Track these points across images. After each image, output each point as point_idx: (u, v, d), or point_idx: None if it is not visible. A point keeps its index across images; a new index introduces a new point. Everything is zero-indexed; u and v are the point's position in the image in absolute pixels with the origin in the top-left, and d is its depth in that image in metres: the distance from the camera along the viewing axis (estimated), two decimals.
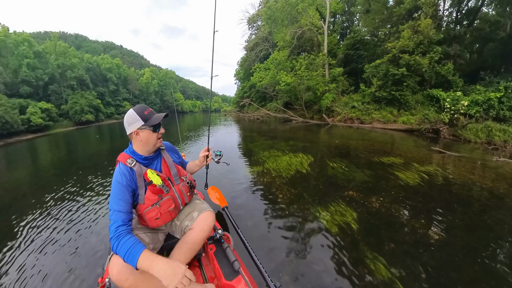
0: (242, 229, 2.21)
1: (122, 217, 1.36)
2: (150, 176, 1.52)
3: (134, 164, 1.50)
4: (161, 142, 1.66)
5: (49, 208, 3.92)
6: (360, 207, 3.39)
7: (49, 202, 4.16)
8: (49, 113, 30.31)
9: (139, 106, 1.54)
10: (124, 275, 1.20)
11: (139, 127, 1.49)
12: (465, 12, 16.08)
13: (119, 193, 1.41)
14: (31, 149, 14.39)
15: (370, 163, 5.70)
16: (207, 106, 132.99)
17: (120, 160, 1.52)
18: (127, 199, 1.43)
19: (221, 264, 1.64)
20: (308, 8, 20.24)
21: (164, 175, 1.61)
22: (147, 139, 1.52)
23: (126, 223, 1.36)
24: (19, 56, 31.98)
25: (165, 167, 1.67)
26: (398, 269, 2.17)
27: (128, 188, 1.44)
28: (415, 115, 12.43)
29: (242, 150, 8.03)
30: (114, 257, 1.25)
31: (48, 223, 3.37)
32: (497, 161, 5.86)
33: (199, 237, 1.56)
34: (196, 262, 1.80)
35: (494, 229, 2.86)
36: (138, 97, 63.84)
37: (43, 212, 3.76)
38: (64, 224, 3.33)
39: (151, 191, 1.52)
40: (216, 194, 3.21)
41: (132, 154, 1.55)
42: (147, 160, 1.58)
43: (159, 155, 1.69)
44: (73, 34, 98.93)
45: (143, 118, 1.49)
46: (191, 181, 1.83)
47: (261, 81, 23.43)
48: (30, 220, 3.52)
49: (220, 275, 1.56)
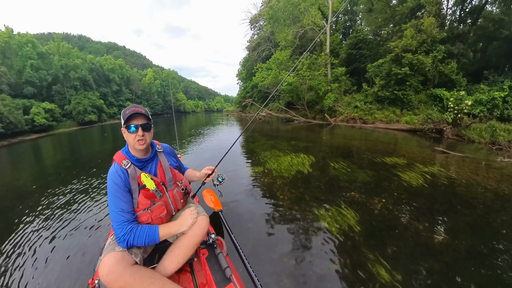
0: (240, 232, 2.20)
1: (127, 216, 1.38)
2: (144, 180, 1.50)
3: (129, 165, 1.48)
4: (142, 145, 1.48)
5: (49, 208, 3.92)
6: (362, 209, 3.36)
7: (49, 203, 4.17)
8: (53, 113, 30.46)
9: (130, 105, 1.52)
10: (114, 276, 1.19)
11: (123, 127, 1.48)
12: (468, 10, 15.96)
13: (118, 193, 1.41)
14: (34, 149, 14.49)
15: (372, 164, 5.66)
16: (209, 106, 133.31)
17: (116, 160, 1.51)
18: (128, 199, 1.43)
19: (212, 270, 1.61)
20: (311, 7, 20.18)
21: (158, 180, 1.58)
22: (128, 140, 1.50)
23: (132, 221, 1.40)
24: (23, 57, 32.23)
25: (160, 171, 1.63)
26: (401, 272, 2.14)
27: (125, 188, 1.44)
28: (418, 115, 12.35)
29: (243, 150, 8.01)
30: (104, 258, 1.24)
31: (46, 224, 3.37)
32: (502, 161, 5.78)
33: (192, 242, 1.52)
34: (188, 267, 1.76)
35: (499, 232, 2.81)
36: (141, 98, 64.05)
37: (42, 212, 3.76)
38: (59, 224, 3.33)
39: (144, 195, 1.49)
40: (211, 197, 3.19)
41: (127, 154, 1.54)
42: (142, 162, 1.55)
43: (155, 158, 1.65)
44: (76, 35, 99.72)
45: (124, 117, 1.46)
46: (186, 187, 1.79)
47: (263, 81, 23.43)
48: (29, 220, 3.53)
49: (211, 282, 1.53)
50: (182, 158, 3.38)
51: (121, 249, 1.30)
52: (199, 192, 2.83)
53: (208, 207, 3.01)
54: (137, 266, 1.29)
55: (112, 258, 1.24)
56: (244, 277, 1.66)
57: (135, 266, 1.28)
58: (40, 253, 2.68)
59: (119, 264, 1.22)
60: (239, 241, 2.04)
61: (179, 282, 1.62)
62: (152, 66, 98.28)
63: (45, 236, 3.03)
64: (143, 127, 1.47)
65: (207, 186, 2.55)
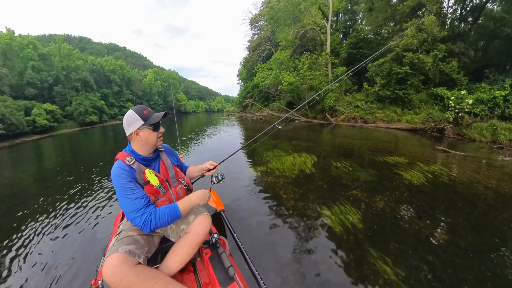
0: (243, 231, 2.21)
1: (143, 202, 1.41)
2: (148, 176, 1.54)
3: (133, 162, 1.51)
4: (161, 141, 1.67)
5: (50, 209, 3.95)
6: (364, 207, 3.38)
7: (51, 203, 4.20)
8: (54, 115, 30.58)
9: (138, 106, 1.56)
10: (118, 276, 1.18)
11: (139, 127, 1.50)
12: (469, 9, 15.91)
13: (127, 184, 1.43)
14: (36, 150, 14.56)
15: (374, 163, 5.68)
16: (210, 107, 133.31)
17: (119, 158, 1.53)
18: (137, 187, 1.45)
19: (215, 269, 1.61)
20: (311, 7, 20.19)
21: (162, 176, 1.62)
22: (147, 139, 1.54)
23: (148, 205, 1.43)
24: (24, 58, 32.38)
25: (163, 168, 1.67)
26: (403, 269, 2.17)
27: (132, 180, 1.46)
28: (419, 114, 12.34)
29: (245, 149, 8.04)
30: (108, 259, 1.24)
31: (47, 225, 3.41)
32: (503, 160, 5.79)
33: (195, 242, 1.52)
34: (191, 266, 1.76)
35: (500, 229, 2.83)
36: (142, 98, 64.20)
37: (44, 213, 3.80)
38: (61, 224, 3.37)
39: (148, 191, 1.51)
40: (213, 197, 3.19)
41: (131, 153, 1.56)
42: (146, 160, 1.59)
43: (158, 157, 1.70)
44: (77, 36, 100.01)
45: (143, 118, 1.51)
46: (188, 184, 1.83)
47: (264, 81, 23.44)
48: (31, 221, 3.56)
49: (214, 281, 1.53)
50: (183, 159, 3.40)
51: (125, 249, 1.30)
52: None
53: (210, 207, 3.03)
54: (140, 266, 1.29)
55: (116, 258, 1.23)
56: (247, 276, 1.66)
57: (139, 266, 1.28)
58: (42, 254, 2.71)
59: (123, 265, 1.21)
60: (242, 241, 2.05)
61: (182, 281, 1.61)
62: (153, 67, 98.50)
63: (47, 237, 3.07)
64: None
65: (207, 186, 2.53)
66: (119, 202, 1.44)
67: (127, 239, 1.40)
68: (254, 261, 1.76)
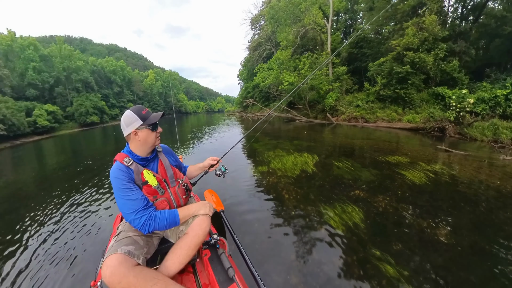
0: (244, 232, 2.20)
1: (142, 203, 1.41)
2: (146, 176, 1.54)
3: (131, 163, 1.52)
4: (159, 141, 1.68)
5: (50, 210, 3.97)
6: (366, 207, 3.37)
7: (51, 204, 4.22)
8: (55, 115, 30.68)
9: (136, 106, 1.57)
10: (117, 277, 1.17)
11: (137, 127, 1.51)
12: (470, 7, 15.85)
13: (126, 186, 1.43)
14: (37, 151, 14.59)
15: (375, 162, 5.67)
16: (210, 107, 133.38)
17: (117, 159, 1.54)
18: (135, 189, 1.45)
19: (215, 270, 1.60)
20: (311, 7, 20.16)
21: (160, 177, 1.62)
22: (146, 139, 1.55)
23: (148, 207, 1.43)
24: (25, 60, 32.46)
25: (161, 169, 1.67)
26: (406, 268, 2.16)
27: (130, 181, 1.46)
28: (420, 114, 12.30)
29: (246, 150, 8.04)
30: (107, 260, 1.23)
31: (47, 225, 3.42)
32: (504, 159, 5.77)
33: (194, 243, 1.51)
34: (190, 268, 1.75)
35: (502, 228, 2.81)
36: (142, 99, 64.30)
37: (44, 214, 3.81)
38: (61, 226, 3.37)
39: (146, 192, 1.52)
40: (212, 198, 3.18)
41: (129, 154, 1.57)
42: (144, 161, 1.60)
43: (156, 157, 1.70)
44: (78, 37, 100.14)
45: (142, 118, 1.52)
46: (187, 184, 1.83)
47: (265, 81, 23.43)
48: (31, 222, 3.58)
49: (214, 282, 1.52)
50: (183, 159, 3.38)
51: (124, 250, 1.29)
52: (200, 192, 2.81)
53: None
54: (140, 267, 1.28)
55: (115, 259, 1.23)
56: (247, 277, 1.65)
57: (138, 267, 1.28)
58: (41, 254, 2.71)
59: (122, 266, 1.21)
60: (242, 241, 2.04)
61: (181, 282, 1.60)
62: (153, 68, 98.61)
63: (46, 238, 3.07)
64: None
65: (208, 186, 2.52)
66: (117, 203, 1.44)
67: (126, 240, 1.39)
68: (255, 262, 1.75)
